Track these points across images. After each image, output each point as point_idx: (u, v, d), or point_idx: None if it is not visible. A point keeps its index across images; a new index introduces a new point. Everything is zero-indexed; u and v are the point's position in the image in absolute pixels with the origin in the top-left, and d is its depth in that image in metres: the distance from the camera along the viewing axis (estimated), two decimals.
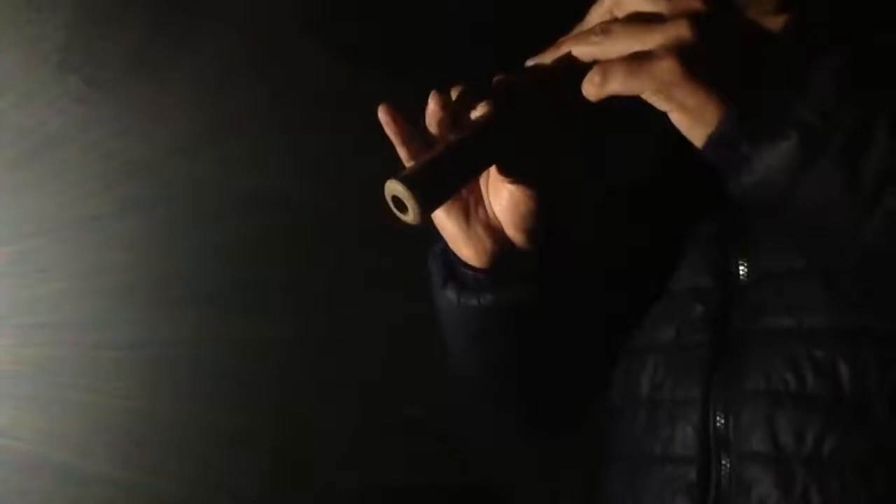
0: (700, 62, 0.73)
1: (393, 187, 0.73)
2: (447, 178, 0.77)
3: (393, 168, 0.76)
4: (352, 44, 1.81)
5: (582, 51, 0.78)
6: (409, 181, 0.73)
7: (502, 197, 0.86)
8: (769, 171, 0.72)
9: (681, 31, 0.73)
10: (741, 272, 0.90)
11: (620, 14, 0.78)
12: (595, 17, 0.80)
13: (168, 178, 1.72)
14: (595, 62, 0.76)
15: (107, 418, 1.67)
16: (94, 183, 1.65)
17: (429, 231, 0.90)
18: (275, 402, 1.85)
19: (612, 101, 0.77)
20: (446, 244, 0.90)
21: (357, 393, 1.91)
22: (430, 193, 0.74)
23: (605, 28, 0.77)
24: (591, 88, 0.76)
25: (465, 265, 0.89)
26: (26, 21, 1.57)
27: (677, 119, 0.75)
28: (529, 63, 0.82)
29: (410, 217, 0.74)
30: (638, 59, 0.74)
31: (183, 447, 1.76)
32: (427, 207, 0.74)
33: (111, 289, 1.67)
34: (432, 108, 0.80)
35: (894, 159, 0.71)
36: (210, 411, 1.75)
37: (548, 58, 0.80)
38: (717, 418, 0.88)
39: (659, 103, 0.75)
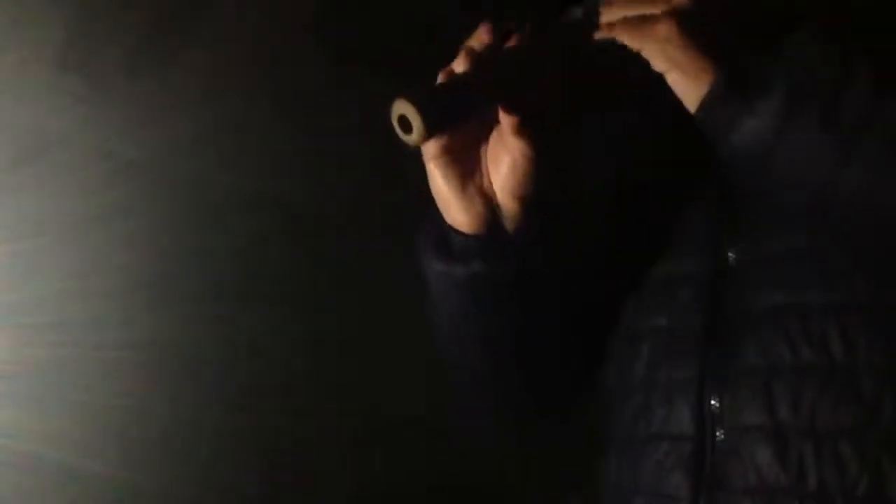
0: (695, 27, 0.81)
1: (400, 105, 0.75)
2: (453, 103, 0.81)
3: (392, 169, 0.77)
4: (352, 44, 1.81)
5: None
6: (415, 99, 0.75)
7: (501, 162, 0.88)
8: (759, 126, 0.78)
9: (678, 0, 0.82)
10: (732, 254, 0.92)
11: None
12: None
13: (168, 178, 1.72)
14: None
15: (107, 418, 1.67)
16: (94, 183, 1.65)
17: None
18: (275, 402, 1.85)
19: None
20: (436, 215, 0.91)
21: (357, 393, 1.92)
22: (434, 113, 0.77)
23: (610, 1, 0.86)
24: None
25: (455, 231, 0.91)
26: (26, 21, 1.57)
27: (674, 79, 0.82)
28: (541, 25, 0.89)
29: (414, 136, 0.76)
30: (640, 20, 0.83)
31: (183, 447, 1.76)
32: (431, 127, 0.76)
33: (111, 289, 1.67)
34: (473, 42, 0.87)
35: (872, 108, 0.76)
36: (210, 411, 1.75)
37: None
38: (712, 396, 0.90)
39: (656, 61, 0.82)
